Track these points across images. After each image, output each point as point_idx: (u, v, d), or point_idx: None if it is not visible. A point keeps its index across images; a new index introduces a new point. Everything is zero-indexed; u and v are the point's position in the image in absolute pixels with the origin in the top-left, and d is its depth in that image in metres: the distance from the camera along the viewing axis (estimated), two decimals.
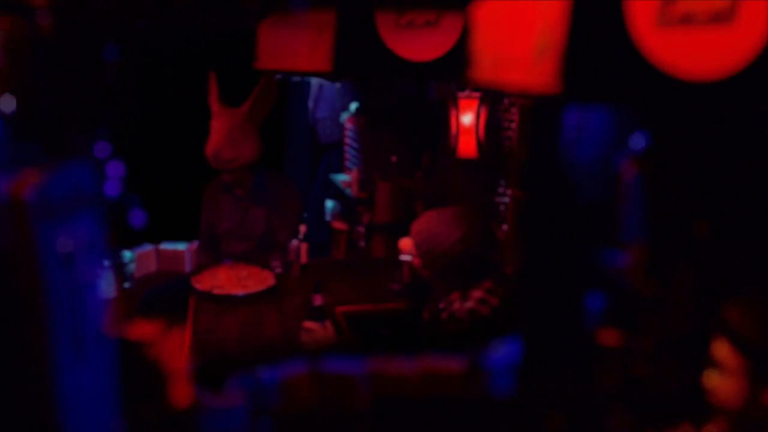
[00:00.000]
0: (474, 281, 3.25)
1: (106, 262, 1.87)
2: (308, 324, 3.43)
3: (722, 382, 2.13)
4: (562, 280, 2.79)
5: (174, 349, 2.90)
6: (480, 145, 4.74)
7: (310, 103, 8.29)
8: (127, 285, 7.84)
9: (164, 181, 8.63)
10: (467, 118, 4.73)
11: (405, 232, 5.00)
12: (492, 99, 4.84)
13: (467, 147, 4.78)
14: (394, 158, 6.33)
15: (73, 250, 1.68)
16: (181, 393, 2.51)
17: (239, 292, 4.37)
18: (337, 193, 7.47)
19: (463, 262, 3.21)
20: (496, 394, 2.61)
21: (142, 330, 2.77)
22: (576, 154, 2.89)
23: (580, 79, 1.93)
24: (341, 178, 7.45)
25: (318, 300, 3.46)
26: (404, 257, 3.98)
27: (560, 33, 1.90)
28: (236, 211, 5.58)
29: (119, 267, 7.71)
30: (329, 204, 7.55)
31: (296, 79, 7.46)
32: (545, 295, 2.85)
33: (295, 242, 4.98)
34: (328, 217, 7.59)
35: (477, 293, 3.20)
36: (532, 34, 2.03)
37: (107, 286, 1.93)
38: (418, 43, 3.28)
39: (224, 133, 5.39)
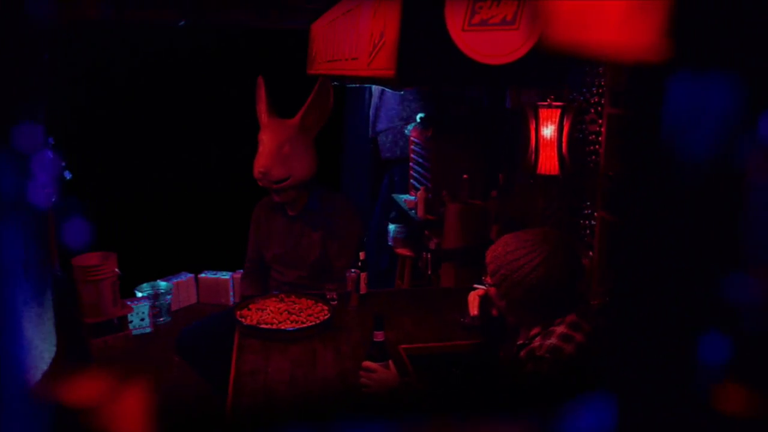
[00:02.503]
0: (556, 314, 3.19)
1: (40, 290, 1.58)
2: (368, 364, 3.40)
3: None
4: (667, 320, 2.60)
5: (129, 416, 2.70)
6: (562, 161, 4.68)
7: (371, 114, 8.28)
8: (162, 319, 7.92)
9: (204, 202, 8.70)
10: (548, 130, 4.67)
11: (477, 260, 4.95)
12: (577, 108, 4.78)
13: (548, 163, 4.72)
14: (465, 176, 6.30)
15: None
16: None
17: (289, 327, 4.31)
18: (400, 215, 7.45)
19: (544, 292, 3.14)
20: None
21: (87, 390, 2.53)
22: (686, 153, 2.62)
23: (698, 38, 1.72)
24: (405, 198, 7.43)
25: (379, 336, 3.42)
26: (477, 287, 3.92)
27: None
28: (288, 235, 5.51)
29: (153, 298, 7.79)
30: (392, 228, 7.53)
31: (354, 86, 7.46)
32: (645, 340, 2.72)
33: (353, 270, 4.87)
34: (390, 243, 7.57)
35: (560, 328, 3.13)
36: None
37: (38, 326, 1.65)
38: (493, 44, 3.23)
39: (274, 149, 5.33)
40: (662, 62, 1.75)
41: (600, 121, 4.66)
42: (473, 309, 3.81)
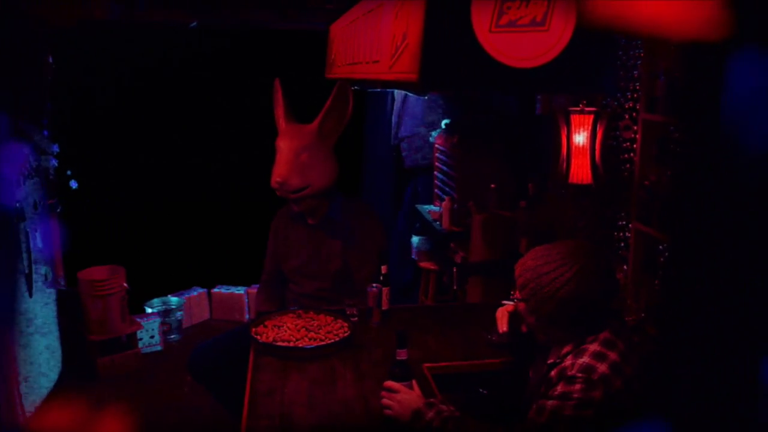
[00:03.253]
0: (589, 331, 3.18)
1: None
2: (390, 384, 3.40)
3: None
4: (724, 343, 2.52)
5: None
6: (595, 169, 4.68)
7: (393, 120, 8.29)
8: (173, 337, 7.94)
9: (218, 213, 8.72)
10: (580, 137, 4.67)
11: (505, 274, 4.96)
12: (610, 114, 4.78)
13: (580, 171, 4.72)
14: (492, 185, 6.30)
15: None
16: None
17: (307, 344, 4.31)
18: (424, 226, 7.45)
19: (576, 308, 3.13)
20: None
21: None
22: (751, 148, 2.46)
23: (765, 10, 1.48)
24: (430, 208, 7.44)
25: (402, 354, 3.43)
26: (506, 302, 3.91)
27: None
28: (308, 245, 5.52)
29: (164, 315, 7.81)
30: (415, 240, 7.54)
31: (376, 90, 7.47)
32: (700, 364, 2.67)
33: (374, 285, 4.82)
34: (413, 256, 7.57)
35: (593, 346, 3.12)
36: None
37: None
38: (522, 47, 3.24)
39: (291, 156, 5.32)
40: (722, 40, 1.62)
41: (635, 127, 4.66)
42: (502, 325, 3.81)
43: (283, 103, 5.58)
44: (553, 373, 3.15)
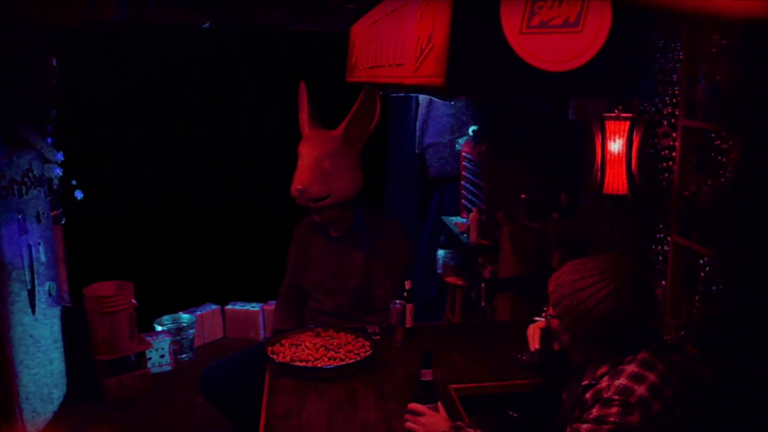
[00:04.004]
0: (627, 351, 3.17)
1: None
2: (414, 406, 3.40)
3: None
4: None
5: None
6: (632, 179, 4.66)
7: (417, 127, 8.30)
8: (184, 356, 7.95)
9: (233, 225, 8.72)
10: (616, 145, 4.66)
11: (536, 290, 4.95)
12: (648, 120, 4.77)
13: (616, 181, 4.71)
14: (523, 196, 6.30)
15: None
16: None
17: (327, 364, 4.30)
18: (451, 239, 7.46)
19: (613, 326, 3.11)
20: None
21: None
22: None
23: None
24: (456, 220, 7.45)
25: (427, 375, 3.43)
26: (538, 319, 3.91)
27: None
28: (329, 258, 5.50)
29: (175, 333, 7.82)
30: (441, 253, 7.55)
31: (399, 95, 7.48)
32: (745, 387, 2.63)
33: (398, 302, 4.81)
34: (439, 270, 7.58)
35: (630, 367, 3.10)
36: None
37: None
38: (554, 49, 3.24)
39: (313, 163, 5.31)
40: None
41: (674, 134, 4.65)
42: (534, 343, 3.81)
43: (308, 107, 5.59)
44: (588, 395, 3.15)
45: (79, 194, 7.05)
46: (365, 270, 5.39)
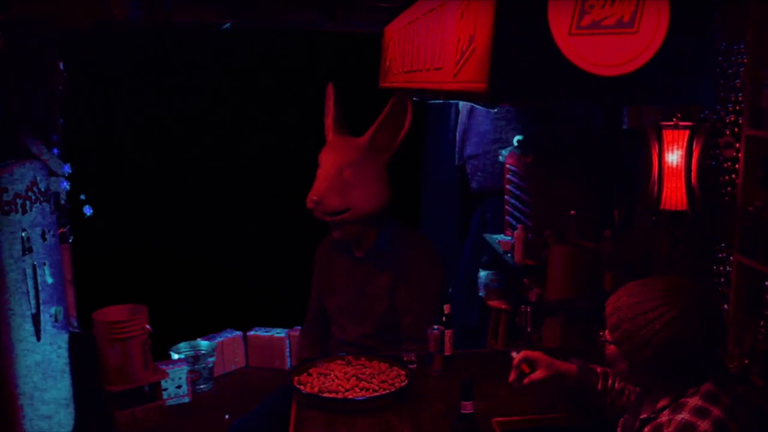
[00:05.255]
0: (690, 382, 3.16)
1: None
2: None
3: None
4: None
5: None
6: (691, 193, 4.66)
7: (457, 136, 8.31)
8: (203, 387, 7.97)
9: (256, 244, 8.71)
10: (674, 156, 4.66)
11: (587, 315, 4.95)
12: (709, 129, 4.76)
13: (674, 196, 4.70)
14: (572, 212, 6.30)
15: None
16: None
17: (359, 395, 4.28)
18: (494, 259, 7.47)
19: (677, 355, 3.07)
20: None
21: None
22: None
23: None
24: (500, 238, 7.45)
25: (467, 407, 3.44)
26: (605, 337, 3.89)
27: None
28: (353, 280, 5.42)
29: (193, 361, 7.83)
30: (483, 275, 7.55)
31: (437, 102, 7.49)
32: None
33: (435, 327, 4.74)
34: (481, 293, 7.58)
35: (693, 400, 3.07)
36: None
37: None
38: (607, 51, 3.24)
39: (332, 172, 5.24)
40: None
41: (737, 144, 4.64)
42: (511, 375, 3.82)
43: (334, 112, 5.53)
44: (646, 429, 3.14)
45: (88, 210, 7.07)
46: (390, 295, 5.29)
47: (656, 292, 3.12)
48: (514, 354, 3.84)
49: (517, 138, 7.40)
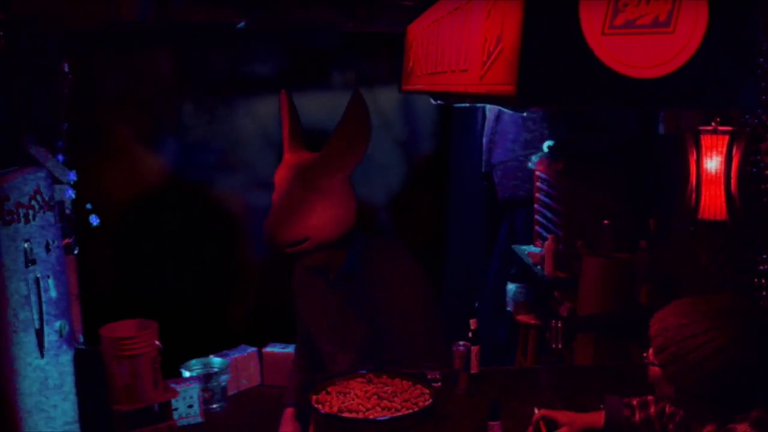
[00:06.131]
0: (738, 408, 3.09)
1: None
2: None
3: None
4: None
5: None
6: (731, 202, 4.66)
7: (484, 142, 8.32)
8: (216, 406, 7.98)
9: (270, 257, 8.69)
10: (713, 163, 4.66)
11: (622, 330, 4.95)
12: (749, 134, 4.76)
13: (713, 204, 4.70)
14: (606, 222, 6.30)
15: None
16: None
17: (380, 415, 4.27)
18: (523, 271, 7.47)
19: (728, 381, 3.04)
20: None
21: None
22: None
23: None
24: (529, 250, 7.46)
25: (495, 428, 3.45)
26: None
27: None
28: (330, 304, 5.22)
29: (205, 380, 7.84)
30: (512, 288, 7.56)
31: (463, 105, 7.50)
32: None
33: (461, 344, 4.69)
34: (509, 307, 7.59)
35: (742, 427, 3.02)
36: None
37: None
38: (642, 52, 3.24)
39: (285, 198, 4.99)
40: None
41: None
42: None
43: (289, 123, 5.26)
44: None
45: (94, 220, 7.06)
46: (371, 316, 5.06)
47: (706, 314, 3.08)
48: (536, 409, 3.85)
49: (547, 143, 7.40)
